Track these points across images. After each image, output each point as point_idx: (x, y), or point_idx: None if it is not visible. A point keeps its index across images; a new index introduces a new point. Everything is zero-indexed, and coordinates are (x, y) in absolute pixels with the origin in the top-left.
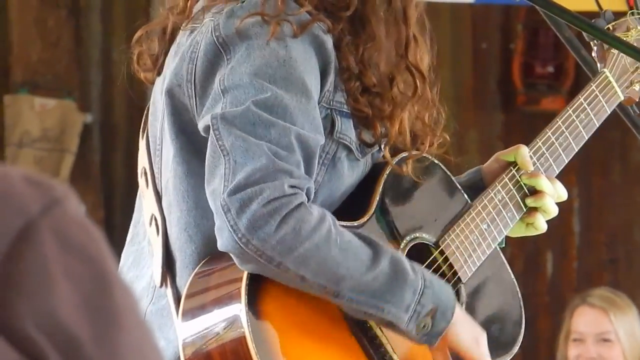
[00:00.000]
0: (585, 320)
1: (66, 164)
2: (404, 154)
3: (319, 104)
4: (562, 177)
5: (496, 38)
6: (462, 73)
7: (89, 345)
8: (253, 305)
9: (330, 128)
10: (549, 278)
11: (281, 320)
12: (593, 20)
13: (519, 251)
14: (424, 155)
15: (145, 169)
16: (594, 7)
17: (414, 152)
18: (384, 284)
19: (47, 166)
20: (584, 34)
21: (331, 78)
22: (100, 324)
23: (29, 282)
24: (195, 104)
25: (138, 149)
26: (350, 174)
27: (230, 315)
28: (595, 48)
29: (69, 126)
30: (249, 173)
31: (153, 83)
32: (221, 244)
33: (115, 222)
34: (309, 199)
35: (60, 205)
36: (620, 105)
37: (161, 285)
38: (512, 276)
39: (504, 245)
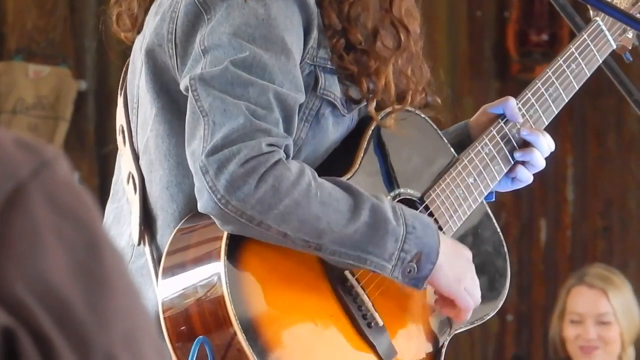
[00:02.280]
0: (583, 301)
1: (60, 132)
2: (388, 109)
3: (302, 60)
4: (556, 145)
5: (491, 6)
6: (457, 41)
7: (80, 308)
8: (232, 264)
9: (313, 84)
10: (543, 246)
11: (261, 280)
12: None
13: (513, 219)
14: (411, 109)
15: (122, 127)
16: None
17: (397, 106)
18: (365, 235)
19: (42, 133)
20: None
21: (314, 35)
22: (91, 287)
23: (19, 245)
24: (177, 64)
25: None
26: (334, 130)
27: (209, 275)
28: None
29: (63, 93)
30: (227, 133)
31: (133, 42)
32: (201, 206)
33: (110, 189)
34: (288, 157)
35: (51, 168)
36: (608, 66)
37: (139, 244)
38: (498, 230)
39: (493, 199)
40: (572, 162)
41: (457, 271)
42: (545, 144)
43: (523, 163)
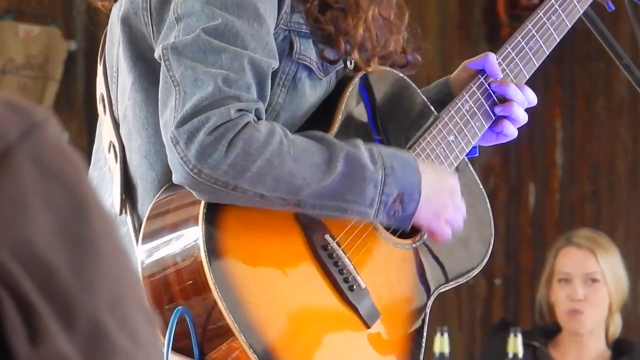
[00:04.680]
0: (571, 260)
1: (50, 92)
2: (368, 69)
3: (276, 26)
4: (546, 109)
5: None
6: (447, 4)
7: (64, 273)
8: (210, 229)
9: (289, 50)
10: (532, 210)
11: (240, 245)
12: None
13: (502, 183)
14: (389, 69)
15: (102, 95)
16: None
17: (377, 68)
18: (343, 185)
19: (31, 93)
20: None
21: (287, 0)
22: (78, 251)
23: (3, 209)
24: (153, 32)
25: None
26: (312, 93)
27: (187, 240)
28: None
29: (53, 54)
30: (196, 103)
31: (110, 10)
32: (175, 177)
33: None
34: (259, 119)
35: (40, 130)
36: (598, 29)
37: (120, 213)
38: (482, 188)
39: (477, 154)
40: (561, 126)
41: (436, 206)
42: (520, 96)
43: (505, 117)
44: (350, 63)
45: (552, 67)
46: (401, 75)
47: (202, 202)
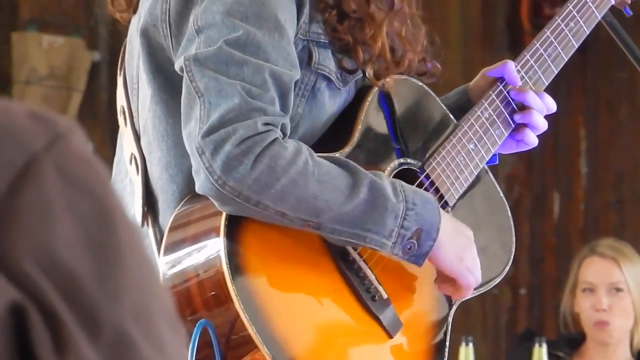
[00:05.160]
0: (595, 270)
1: (74, 102)
2: (387, 79)
3: (295, 36)
4: (569, 118)
5: None
6: (470, 13)
7: (89, 282)
8: (232, 241)
9: (307, 60)
10: (556, 219)
11: (261, 256)
12: None
13: (526, 192)
14: (408, 78)
15: (123, 108)
16: None
17: (396, 77)
18: (365, 212)
19: (55, 104)
20: None
21: (306, 10)
22: (103, 261)
23: (29, 219)
24: (171, 44)
25: None
26: (331, 103)
27: (209, 252)
28: None
29: (76, 64)
30: (222, 113)
31: (129, 22)
32: (199, 187)
33: None
34: (285, 135)
35: (65, 140)
36: (622, 39)
37: (142, 225)
38: (502, 196)
39: (497, 163)
40: (584, 135)
41: (458, 248)
42: (539, 102)
43: (525, 125)
44: (369, 68)
45: (574, 75)
46: (420, 84)
47: (224, 214)
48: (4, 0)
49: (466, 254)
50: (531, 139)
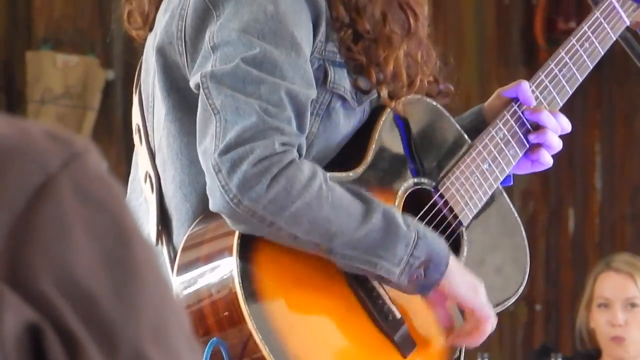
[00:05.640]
0: (611, 285)
1: (88, 121)
2: (400, 99)
3: (311, 55)
4: (584, 132)
5: None
6: (484, 28)
7: (106, 301)
8: (245, 260)
9: (323, 78)
10: (572, 234)
11: (274, 275)
12: None
13: (542, 207)
14: (422, 98)
15: (138, 126)
16: None
17: (411, 96)
18: (377, 239)
19: (70, 123)
20: None
21: (322, 28)
22: (119, 279)
23: (45, 238)
24: (187, 61)
25: None
26: (346, 123)
27: (222, 272)
28: None
29: (91, 82)
30: (240, 132)
31: (145, 40)
32: (213, 205)
33: None
34: (300, 155)
35: (81, 159)
36: (636, 53)
37: (157, 244)
38: (517, 216)
39: (511, 184)
40: (599, 149)
41: (471, 281)
42: (553, 122)
43: (540, 145)
44: (383, 89)
45: (590, 88)
46: (434, 103)
47: (237, 233)
48: (19, 19)
49: (480, 289)
50: (546, 159)
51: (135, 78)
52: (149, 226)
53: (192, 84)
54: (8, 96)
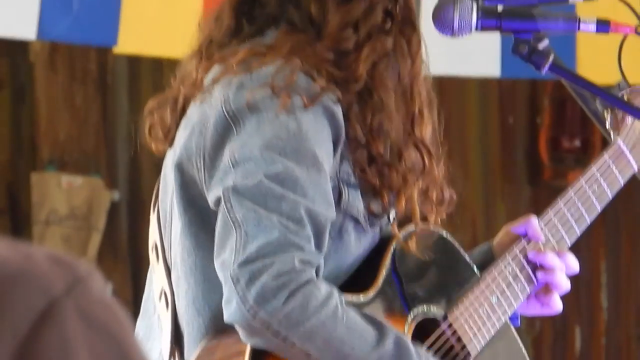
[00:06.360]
0: None
1: (94, 242)
2: (410, 228)
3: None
4: (590, 251)
5: (523, 112)
6: (489, 146)
7: None
8: None
9: (337, 199)
10: (578, 354)
11: None
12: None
13: (548, 326)
14: (433, 229)
15: (156, 243)
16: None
17: (421, 227)
18: None
19: (75, 244)
20: (597, 103)
21: (339, 148)
22: None
23: None
24: (205, 177)
25: None
26: (357, 245)
27: None
28: (609, 118)
29: (96, 204)
30: (261, 245)
31: (164, 154)
32: (228, 315)
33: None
34: (317, 275)
35: (84, 284)
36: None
37: None
38: (524, 351)
39: (519, 325)
40: (605, 268)
41: None
42: (558, 263)
43: (550, 289)
44: (393, 222)
45: None
46: (444, 234)
47: (246, 354)
48: (24, 140)
49: None
50: (556, 304)
51: (154, 196)
52: (162, 343)
53: (210, 199)
54: (13, 218)
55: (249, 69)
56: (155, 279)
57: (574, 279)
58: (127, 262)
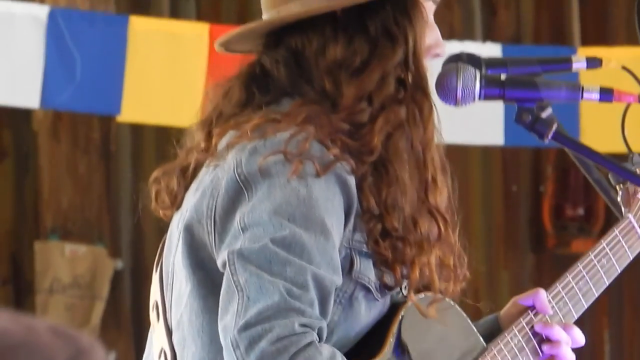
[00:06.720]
0: None
1: (97, 311)
2: (423, 296)
3: (339, 243)
4: (593, 320)
5: (526, 180)
6: (492, 215)
7: None
8: None
9: (349, 267)
10: None
11: None
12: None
13: None
14: (442, 298)
15: (157, 303)
16: (623, 149)
17: (439, 296)
18: None
19: (78, 313)
20: (610, 176)
21: (352, 218)
22: None
23: None
24: (215, 240)
25: None
26: (367, 314)
27: None
28: (620, 192)
29: (99, 272)
30: (260, 310)
31: (171, 220)
32: None
33: None
34: (320, 339)
35: (86, 356)
36: None
37: None
38: None
39: None
40: (608, 337)
41: None
42: (564, 336)
43: (552, 357)
44: (405, 288)
45: None
46: (452, 303)
47: None
48: (27, 209)
49: None
50: None
51: (157, 256)
52: None
53: (219, 262)
54: (16, 287)
55: (263, 135)
56: (155, 338)
57: (576, 349)
58: (130, 330)
